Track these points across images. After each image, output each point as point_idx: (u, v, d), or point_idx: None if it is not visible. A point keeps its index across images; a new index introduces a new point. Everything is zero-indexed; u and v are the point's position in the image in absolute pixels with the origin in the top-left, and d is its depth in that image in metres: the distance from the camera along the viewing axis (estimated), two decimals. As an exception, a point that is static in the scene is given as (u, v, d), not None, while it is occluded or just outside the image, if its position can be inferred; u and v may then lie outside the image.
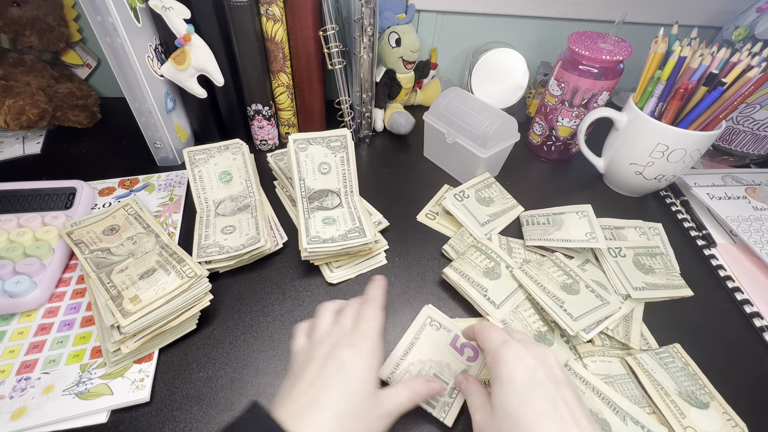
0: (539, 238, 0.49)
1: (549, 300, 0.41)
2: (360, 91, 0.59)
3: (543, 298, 0.42)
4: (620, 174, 0.57)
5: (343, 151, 0.49)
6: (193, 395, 0.36)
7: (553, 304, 0.41)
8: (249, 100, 0.58)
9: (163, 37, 0.52)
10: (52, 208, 0.47)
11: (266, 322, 0.41)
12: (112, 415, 0.34)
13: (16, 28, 0.56)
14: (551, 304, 0.41)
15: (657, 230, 0.53)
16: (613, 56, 0.52)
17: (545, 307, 0.41)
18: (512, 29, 0.70)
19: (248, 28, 0.51)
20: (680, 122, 0.49)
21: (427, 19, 0.69)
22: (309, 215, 0.47)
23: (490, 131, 0.52)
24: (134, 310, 0.35)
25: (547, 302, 0.41)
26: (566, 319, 0.40)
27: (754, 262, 0.50)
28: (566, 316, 0.40)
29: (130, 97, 0.51)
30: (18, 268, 0.40)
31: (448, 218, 0.53)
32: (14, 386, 0.35)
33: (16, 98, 0.54)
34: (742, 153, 0.64)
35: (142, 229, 0.44)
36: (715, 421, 0.35)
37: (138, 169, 0.57)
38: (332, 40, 0.55)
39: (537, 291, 0.42)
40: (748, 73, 0.44)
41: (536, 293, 0.42)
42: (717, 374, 0.39)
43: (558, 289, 0.43)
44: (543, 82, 0.68)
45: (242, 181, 0.51)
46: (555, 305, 0.41)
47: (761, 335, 0.43)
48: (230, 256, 0.43)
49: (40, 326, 0.39)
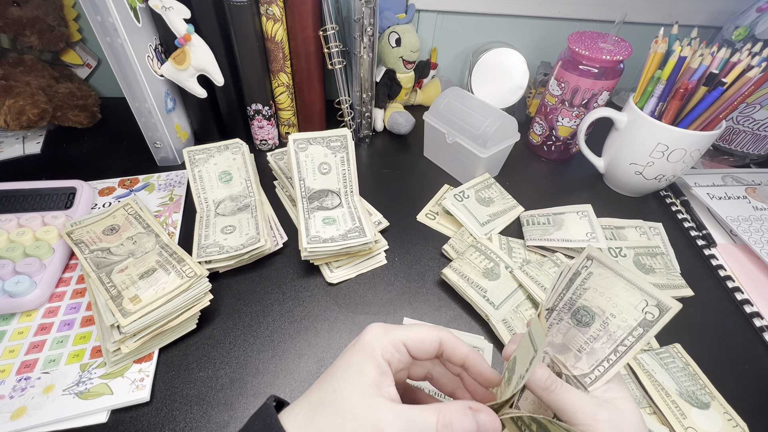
0: (539, 238, 0.49)
1: (549, 300, 0.41)
2: (360, 91, 0.59)
3: (544, 298, 0.41)
4: (620, 174, 0.57)
5: (343, 151, 0.49)
6: (193, 395, 0.36)
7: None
8: (249, 100, 0.58)
9: (163, 37, 0.52)
10: (52, 208, 0.47)
11: (266, 322, 0.41)
12: (112, 415, 0.34)
13: (16, 28, 0.56)
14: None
15: (657, 230, 0.53)
16: (613, 56, 0.52)
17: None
18: (512, 29, 0.70)
19: (248, 28, 0.51)
20: (680, 122, 0.49)
21: (427, 19, 0.69)
22: (309, 215, 0.47)
23: (490, 131, 0.52)
24: (134, 309, 0.35)
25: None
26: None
27: (754, 262, 0.50)
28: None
29: (130, 97, 0.51)
30: (18, 268, 0.40)
31: (448, 218, 0.53)
32: (14, 386, 0.34)
33: (16, 98, 0.54)
34: (742, 153, 0.64)
35: (142, 229, 0.44)
36: (716, 421, 0.35)
37: (138, 169, 0.57)
38: (332, 39, 0.55)
39: (538, 291, 0.42)
40: (748, 73, 0.44)
41: (537, 294, 0.42)
42: (717, 374, 0.39)
43: (558, 289, 0.43)
44: (543, 82, 0.68)
45: (242, 180, 0.51)
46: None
47: (761, 335, 0.43)
48: (230, 255, 0.43)
49: (40, 326, 0.39)
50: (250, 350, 0.39)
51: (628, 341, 0.24)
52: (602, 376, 0.25)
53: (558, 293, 0.26)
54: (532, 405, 0.28)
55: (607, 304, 0.25)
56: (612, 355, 0.25)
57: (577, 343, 0.26)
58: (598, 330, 0.25)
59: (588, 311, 0.26)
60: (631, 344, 0.24)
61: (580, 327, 0.26)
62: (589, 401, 0.24)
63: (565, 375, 0.26)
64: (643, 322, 0.24)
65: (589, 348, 0.26)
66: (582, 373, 0.26)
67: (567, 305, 0.26)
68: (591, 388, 0.25)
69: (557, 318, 0.27)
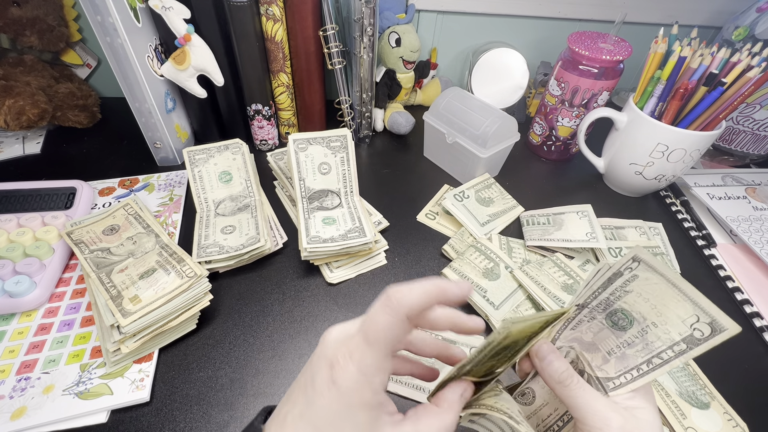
0: (539, 239, 0.49)
1: (550, 300, 0.41)
2: (360, 91, 0.59)
3: (544, 298, 0.42)
4: (620, 174, 0.57)
5: (343, 151, 0.49)
6: (193, 395, 0.36)
7: (554, 305, 0.41)
8: (249, 100, 0.58)
9: (163, 37, 0.52)
10: (52, 208, 0.47)
11: (266, 322, 0.41)
12: (112, 415, 0.34)
13: (16, 28, 0.56)
14: (552, 304, 0.41)
15: (657, 230, 0.53)
16: (613, 56, 0.52)
17: (546, 307, 0.41)
18: (512, 29, 0.70)
19: (248, 28, 0.51)
20: (680, 122, 0.49)
21: (427, 19, 0.69)
22: (309, 215, 0.47)
23: (490, 131, 0.52)
24: (134, 310, 0.35)
25: (548, 303, 0.41)
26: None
27: (754, 262, 0.50)
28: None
29: (130, 97, 0.51)
30: (18, 268, 0.40)
31: (448, 218, 0.53)
32: (14, 386, 0.34)
33: (16, 98, 0.54)
34: (742, 153, 0.64)
35: (142, 229, 0.44)
36: (716, 421, 0.35)
37: (138, 169, 0.57)
38: (332, 40, 0.55)
39: (538, 291, 0.42)
40: (748, 73, 0.44)
41: (537, 294, 0.42)
42: (717, 374, 0.39)
43: (559, 290, 0.43)
44: (543, 82, 0.68)
45: (242, 181, 0.51)
46: (556, 306, 0.41)
47: (761, 335, 0.43)
48: (230, 256, 0.43)
49: (40, 326, 0.39)
50: (250, 350, 0.39)
51: (666, 355, 0.22)
52: (629, 383, 0.23)
53: (592, 290, 0.24)
54: (549, 395, 0.28)
55: (650, 311, 0.23)
56: (645, 365, 0.23)
57: (608, 345, 0.24)
58: (635, 336, 0.23)
59: (627, 315, 0.23)
60: (668, 359, 0.22)
61: (614, 329, 0.24)
62: (604, 404, 0.23)
63: (588, 374, 0.25)
64: (688, 339, 0.21)
65: (621, 353, 0.24)
66: (606, 376, 0.24)
67: (602, 305, 0.24)
68: (612, 393, 0.24)
69: (589, 316, 0.25)
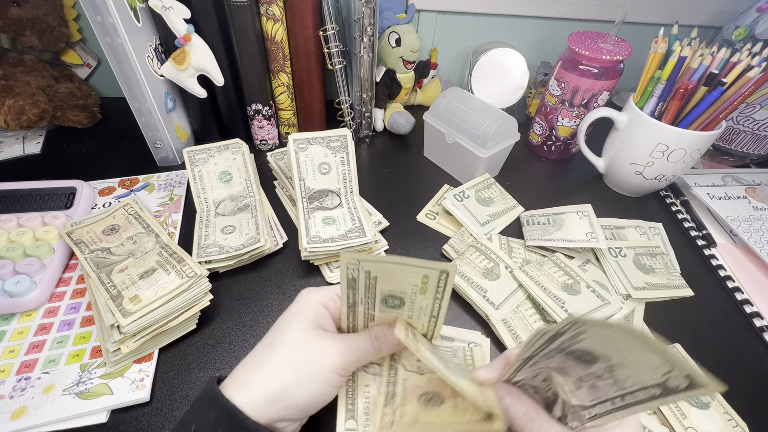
0: (540, 238, 0.49)
1: (550, 300, 0.41)
2: (360, 91, 0.59)
3: (544, 298, 0.42)
4: (620, 174, 0.57)
5: (343, 151, 0.49)
6: (193, 395, 0.36)
7: (554, 305, 0.41)
8: (249, 100, 0.58)
9: (163, 37, 0.52)
10: (52, 208, 0.47)
11: (266, 322, 0.41)
12: (112, 415, 0.34)
13: (16, 28, 0.56)
14: (552, 304, 0.41)
15: (657, 230, 0.53)
16: (613, 56, 0.52)
17: (546, 307, 0.41)
18: (512, 29, 0.70)
19: (248, 28, 0.51)
20: (680, 122, 0.49)
21: (427, 19, 0.69)
22: (309, 215, 0.47)
23: (490, 131, 0.52)
24: (134, 309, 0.35)
25: (548, 303, 0.41)
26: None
27: (754, 262, 0.50)
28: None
29: (130, 97, 0.51)
30: (18, 268, 0.40)
31: (448, 218, 0.53)
32: (14, 386, 0.34)
33: (16, 98, 0.54)
34: (742, 153, 0.64)
35: (142, 229, 0.44)
36: (716, 421, 0.35)
37: (138, 169, 0.57)
38: (332, 39, 0.55)
39: (538, 291, 0.42)
40: (748, 73, 0.44)
41: (537, 294, 0.42)
42: (717, 374, 0.38)
43: (559, 290, 0.43)
44: (543, 82, 0.68)
45: (242, 180, 0.51)
46: (556, 306, 0.41)
47: (761, 335, 0.43)
48: (230, 255, 0.43)
49: (40, 326, 0.39)
50: (250, 350, 0.39)
51: (640, 396, 0.20)
52: (603, 415, 0.21)
53: (535, 348, 0.21)
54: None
55: (615, 354, 0.20)
56: (618, 399, 0.20)
57: (577, 373, 0.22)
58: (603, 371, 0.21)
59: (590, 353, 0.20)
60: (642, 400, 0.20)
61: (579, 362, 0.21)
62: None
63: (562, 399, 0.23)
64: (663, 386, 0.19)
65: (591, 382, 0.21)
66: (581, 404, 0.22)
67: (555, 351, 0.21)
68: (590, 424, 0.22)
69: (545, 356, 0.22)
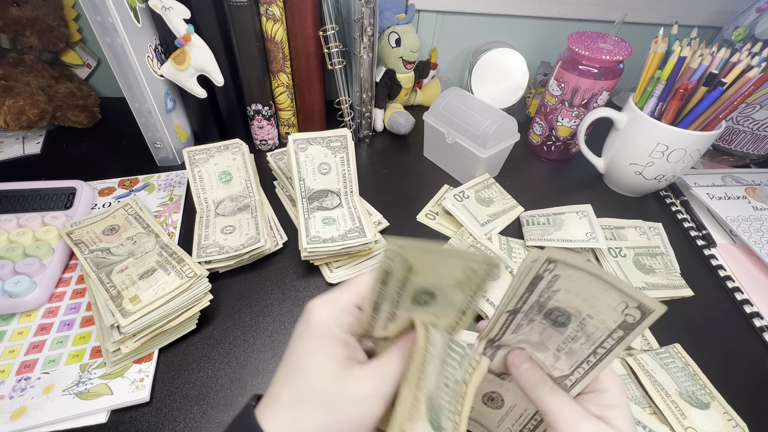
0: (539, 239, 0.49)
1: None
2: (360, 91, 0.59)
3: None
4: (620, 174, 0.57)
5: (343, 151, 0.49)
6: (193, 395, 0.36)
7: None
8: (249, 100, 0.58)
9: (163, 37, 0.52)
10: (52, 208, 0.47)
11: (266, 322, 0.41)
12: (111, 415, 0.34)
13: (16, 28, 0.56)
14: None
15: (657, 230, 0.53)
16: (613, 56, 0.52)
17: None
18: (512, 29, 0.70)
19: (248, 28, 0.51)
20: (680, 122, 0.49)
21: (427, 19, 0.69)
22: (309, 215, 0.47)
23: (490, 131, 0.52)
24: (134, 310, 0.35)
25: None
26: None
27: (754, 262, 0.50)
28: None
29: (130, 97, 0.51)
30: (18, 268, 0.40)
31: (448, 218, 0.53)
32: (14, 386, 0.35)
33: (16, 98, 0.54)
34: (742, 153, 0.64)
35: (142, 229, 0.44)
36: (716, 421, 0.35)
37: (138, 169, 0.57)
38: (332, 40, 0.55)
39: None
40: (748, 73, 0.44)
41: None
42: (717, 374, 0.39)
43: (558, 289, 0.43)
44: (543, 82, 0.68)
45: (242, 181, 0.51)
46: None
47: (761, 335, 0.43)
48: (230, 256, 0.43)
49: (40, 326, 0.39)
50: (250, 350, 0.39)
51: (608, 344, 0.23)
52: (582, 378, 0.24)
53: (519, 296, 0.23)
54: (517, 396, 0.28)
55: (583, 305, 0.23)
56: (591, 356, 0.23)
57: (554, 343, 0.25)
58: (576, 331, 0.23)
59: (562, 312, 0.23)
60: (611, 347, 0.22)
61: (556, 327, 0.24)
62: (575, 411, 0.23)
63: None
64: (623, 325, 0.22)
65: (567, 348, 0.24)
66: (562, 374, 0.25)
67: (535, 307, 0.24)
68: (573, 391, 0.24)
69: (526, 319, 0.25)
